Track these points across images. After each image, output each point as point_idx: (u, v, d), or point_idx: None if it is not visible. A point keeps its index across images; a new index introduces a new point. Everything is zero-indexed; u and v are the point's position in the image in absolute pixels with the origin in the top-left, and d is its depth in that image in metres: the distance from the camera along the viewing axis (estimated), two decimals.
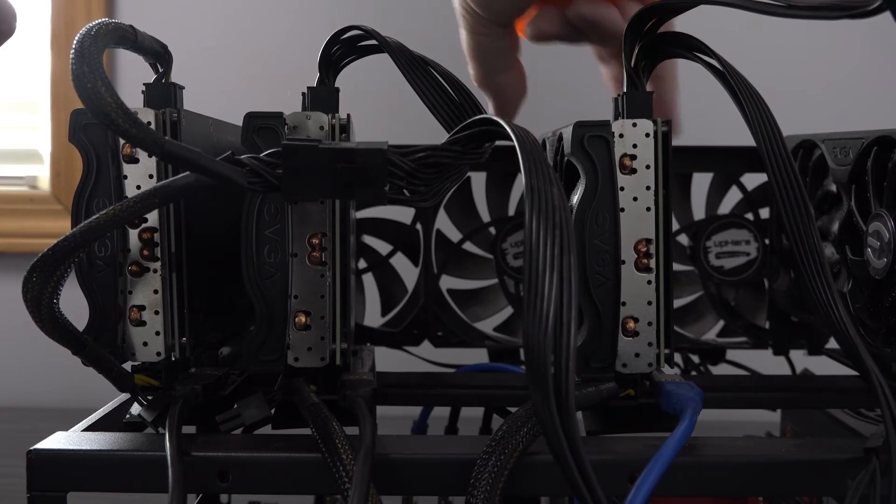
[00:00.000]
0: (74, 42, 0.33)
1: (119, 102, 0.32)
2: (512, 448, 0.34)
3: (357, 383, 0.40)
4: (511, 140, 0.32)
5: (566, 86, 1.00)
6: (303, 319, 0.40)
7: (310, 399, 0.38)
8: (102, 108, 0.32)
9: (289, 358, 0.40)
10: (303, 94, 0.41)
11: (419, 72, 0.39)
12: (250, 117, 0.39)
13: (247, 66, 1.12)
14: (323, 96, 0.41)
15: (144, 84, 0.40)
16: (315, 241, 0.40)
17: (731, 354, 0.62)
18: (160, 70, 0.41)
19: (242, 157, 0.34)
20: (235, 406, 0.40)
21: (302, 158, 0.34)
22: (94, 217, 0.34)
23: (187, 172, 0.34)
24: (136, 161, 0.39)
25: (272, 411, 0.41)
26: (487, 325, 0.62)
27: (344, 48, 0.41)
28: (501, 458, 0.34)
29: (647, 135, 0.40)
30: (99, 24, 0.34)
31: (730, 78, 0.37)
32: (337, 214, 0.40)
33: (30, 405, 1.03)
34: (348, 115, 0.41)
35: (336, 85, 0.42)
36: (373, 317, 0.62)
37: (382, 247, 0.62)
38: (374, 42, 0.40)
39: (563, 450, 0.28)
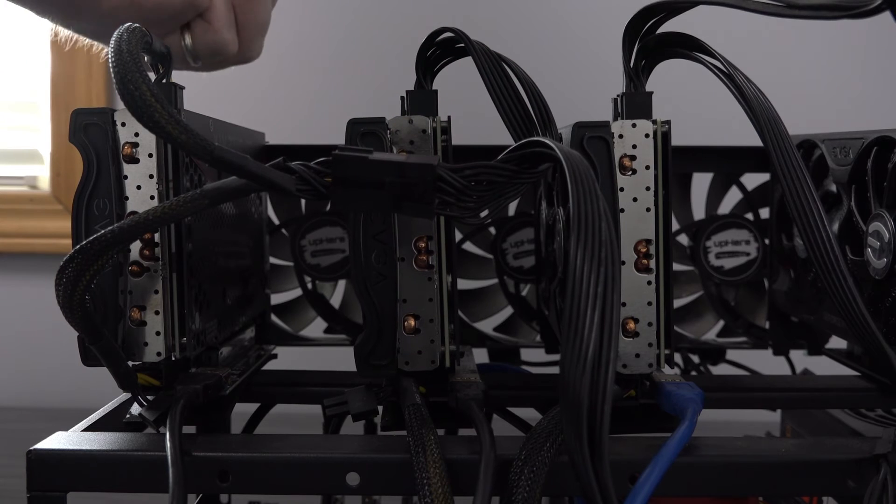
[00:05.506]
0: (112, 50, 0.32)
1: (169, 109, 0.32)
2: (542, 462, 0.34)
3: (466, 385, 0.40)
4: (562, 165, 0.31)
5: (566, 86, 1.00)
6: (412, 323, 0.40)
7: (413, 399, 0.38)
8: (152, 116, 0.32)
9: (399, 362, 0.40)
10: (401, 97, 0.41)
11: (499, 79, 0.39)
12: (353, 123, 0.39)
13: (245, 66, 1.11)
14: (422, 99, 0.41)
15: None
16: (421, 244, 0.40)
17: (731, 354, 0.62)
18: (161, 70, 0.41)
19: (293, 163, 0.34)
20: (344, 392, 0.40)
21: (351, 169, 0.34)
22: (142, 213, 0.34)
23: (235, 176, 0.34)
24: (136, 161, 0.39)
25: (380, 409, 0.41)
26: (487, 325, 0.62)
27: (439, 50, 0.41)
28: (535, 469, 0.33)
29: (647, 135, 0.40)
30: (130, 30, 0.34)
31: (734, 78, 0.37)
32: (441, 217, 0.40)
33: (30, 405, 1.03)
34: (449, 118, 0.41)
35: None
36: None
37: None
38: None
39: (592, 491, 0.28)
